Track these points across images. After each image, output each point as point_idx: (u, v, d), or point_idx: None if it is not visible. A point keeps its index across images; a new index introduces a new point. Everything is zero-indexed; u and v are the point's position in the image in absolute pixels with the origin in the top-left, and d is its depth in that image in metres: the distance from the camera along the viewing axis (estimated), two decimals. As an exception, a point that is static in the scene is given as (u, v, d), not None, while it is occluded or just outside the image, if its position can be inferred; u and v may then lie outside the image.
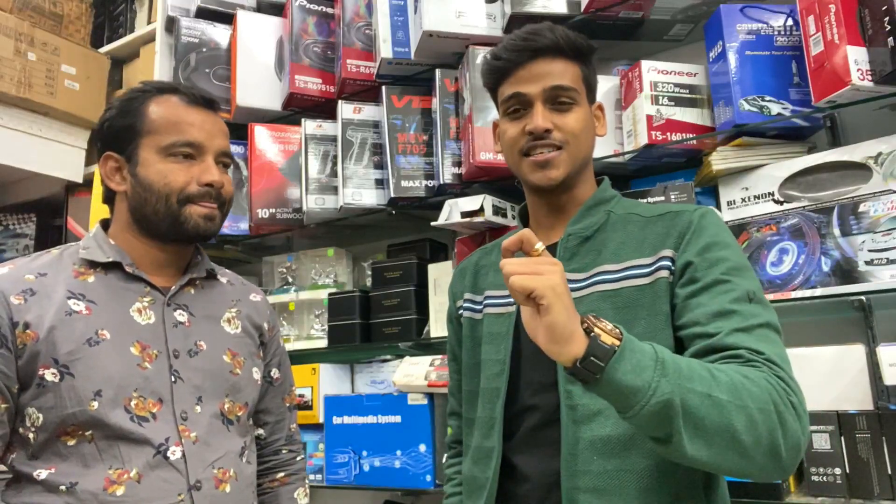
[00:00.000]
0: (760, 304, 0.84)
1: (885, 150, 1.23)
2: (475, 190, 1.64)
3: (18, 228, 2.43)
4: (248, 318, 1.17)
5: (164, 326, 1.04)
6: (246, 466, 1.08)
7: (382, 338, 1.76)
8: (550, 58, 0.98)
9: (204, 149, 1.06)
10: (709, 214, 0.93)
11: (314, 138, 1.87)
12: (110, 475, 0.94)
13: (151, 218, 1.05)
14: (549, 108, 0.98)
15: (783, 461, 0.74)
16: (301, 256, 2.05)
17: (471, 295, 1.11)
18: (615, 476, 0.85)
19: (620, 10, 1.52)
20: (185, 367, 1.03)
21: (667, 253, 0.91)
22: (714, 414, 0.71)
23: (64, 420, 0.94)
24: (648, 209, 0.99)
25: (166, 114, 1.06)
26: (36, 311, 0.97)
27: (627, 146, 1.50)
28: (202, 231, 1.06)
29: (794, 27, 1.37)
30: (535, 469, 0.92)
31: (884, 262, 1.20)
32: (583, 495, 0.85)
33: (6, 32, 1.98)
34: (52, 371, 0.95)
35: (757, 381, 0.75)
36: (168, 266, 1.10)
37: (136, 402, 0.97)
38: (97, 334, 0.98)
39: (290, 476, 1.24)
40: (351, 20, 1.84)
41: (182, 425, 1.00)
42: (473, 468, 1.00)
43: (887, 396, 1.21)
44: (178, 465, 0.97)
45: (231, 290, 1.20)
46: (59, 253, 1.06)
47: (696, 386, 0.71)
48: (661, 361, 0.71)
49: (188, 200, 1.04)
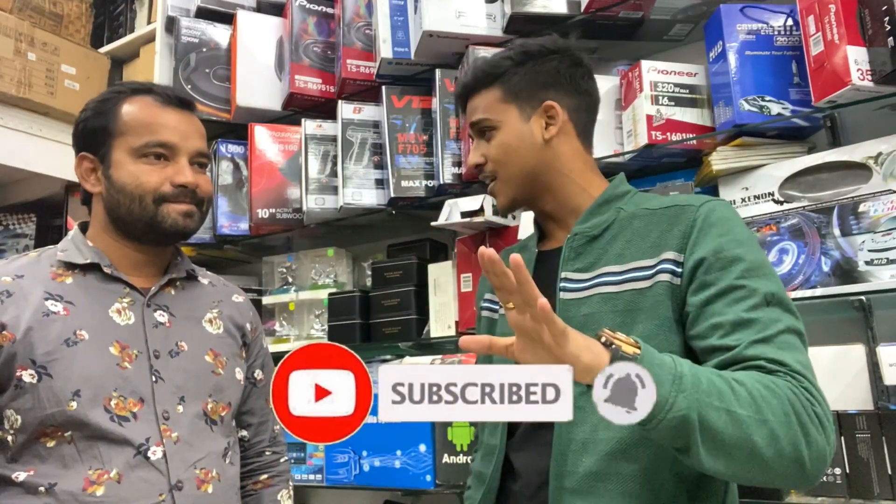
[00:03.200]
0: (780, 306, 0.81)
1: (885, 150, 1.23)
2: (475, 190, 1.64)
3: (18, 228, 2.43)
4: (230, 319, 1.16)
5: (143, 327, 1.03)
6: (229, 467, 1.07)
7: (382, 338, 1.76)
8: (471, 97, 1.04)
9: (177, 149, 1.04)
10: (718, 209, 0.89)
11: (314, 138, 1.87)
12: (90, 475, 0.93)
13: (126, 219, 1.04)
14: (483, 140, 1.02)
15: (808, 472, 0.73)
16: (301, 256, 2.05)
17: (490, 295, 1.11)
18: (600, 478, 0.84)
19: (620, 10, 1.52)
20: (166, 367, 1.02)
21: (668, 255, 0.87)
22: (733, 430, 0.70)
23: (43, 421, 0.93)
24: (657, 202, 0.95)
25: (139, 114, 1.04)
26: (12, 312, 0.96)
27: (627, 146, 1.50)
28: (181, 228, 1.05)
29: (794, 27, 1.37)
30: (528, 467, 0.92)
31: (884, 262, 1.20)
32: (568, 496, 0.85)
33: (6, 32, 1.98)
34: (30, 372, 0.94)
35: (779, 393, 0.73)
36: (147, 267, 1.09)
37: (116, 401, 0.96)
38: (75, 335, 0.97)
39: (274, 478, 1.22)
40: (351, 20, 1.84)
41: (164, 425, 0.99)
42: (480, 464, 1.02)
43: (887, 396, 1.21)
44: (158, 464, 0.96)
45: (212, 290, 1.18)
46: (37, 255, 1.06)
47: (714, 401, 0.70)
48: (679, 376, 0.70)
49: (164, 200, 1.03)
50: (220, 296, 1.18)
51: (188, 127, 1.07)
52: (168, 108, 1.06)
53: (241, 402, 1.16)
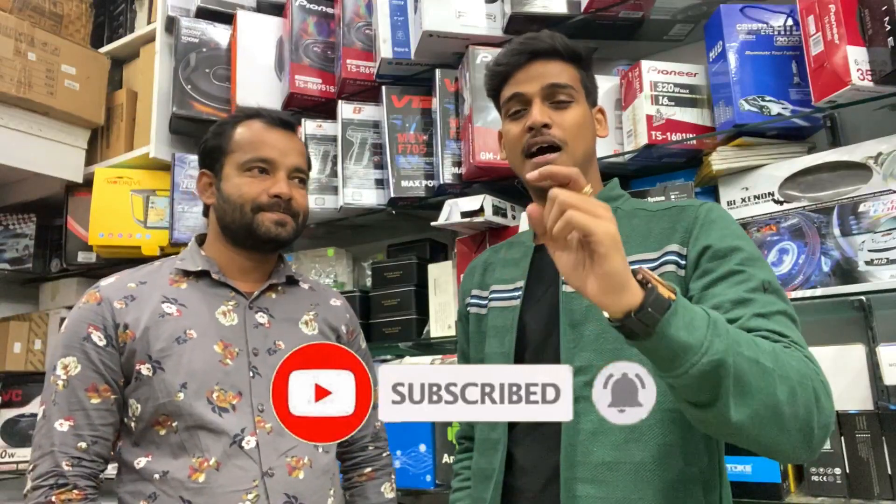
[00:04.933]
0: (776, 293, 0.83)
1: (885, 150, 1.23)
2: (475, 190, 1.64)
3: (18, 228, 2.43)
4: (325, 321, 1.25)
5: (245, 327, 1.13)
6: (322, 455, 1.14)
7: (382, 338, 1.76)
8: (547, 59, 1.01)
9: (276, 165, 1.15)
10: (716, 209, 0.93)
11: (314, 138, 1.87)
12: (193, 463, 1.03)
13: (231, 227, 1.15)
14: (548, 106, 1.00)
15: (814, 440, 0.72)
16: (301, 256, 2.05)
17: (478, 291, 1.12)
18: (613, 467, 0.85)
19: (620, 10, 1.52)
20: (263, 364, 1.11)
21: (673, 248, 0.90)
22: (761, 381, 0.69)
23: (156, 410, 1.05)
24: (654, 205, 1.00)
25: (247, 135, 1.17)
26: (134, 314, 1.09)
27: (627, 146, 1.50)
28: (274, 235, 1.14)
29: (794, 27, 1.37)
30: (533, 461, 0.93)
31: (884, 262, 1.20)
32: (581, 485, 0.86)
33: (6, 32, 1.98)
34: (147, 366, 1.06)
35: (793, 356, 0.74)
36: (252, 272, 1.20)
37: (218, 394, 1.07)
38: (185, 333, 1.09)
39: (377, 471, 1.31)
40: (351, 20, 1.84)
41: (258, 417, 1.08)
42: (480, 460, 1.01)
43: (887, 396, 1.21)
44: (251, 453, 1.05)
45: (311, 294, 1.28)
46: (159, 264, 1.19)
47: (744, 350, 0.69)
48: (713, 321, 0.68)
49: (260, 209, 1.13)
50: (317, 299, 1.27)
51: (287, 145, 1.18)
52: (272, 128, 1.18)
53: None
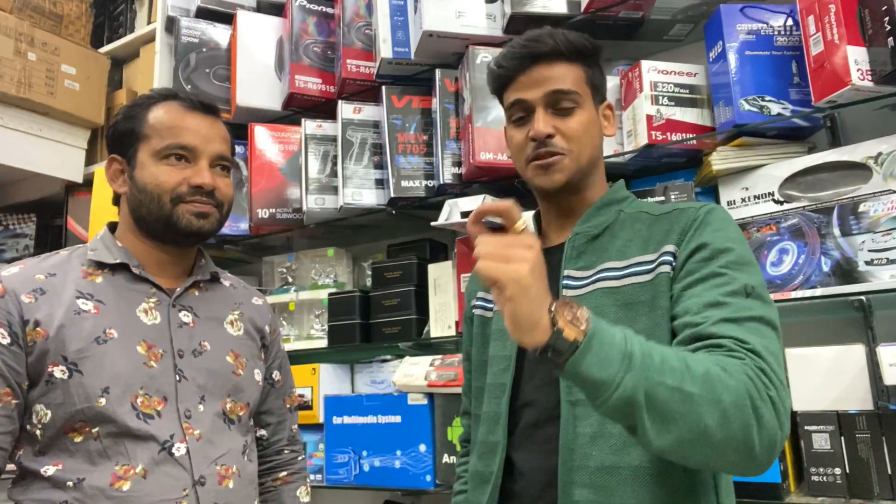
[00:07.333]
0: (759, 299, 0.82)
1: (885, 150, 1.23)
2: (475, 190, 1.64)
3: (18, 228, 2.43)
4: (250, 321, 1.19)
5: (169, 327, 1.06)
6: (248, 464, 1.10)
7: (382, 338, 1.76)
8: (550, 62, 0.98)
9: (198, 152, 1.07)
10: (715, 210, 0.92)
11: (314, 138, 1.87)
12: (117, 471, 0.95)
13: (147, 219, 1.06)
14: (551, 113, 0.98)
15: (757, 457, 0.72)
16: (301, 256, 2.05)
17: (483, 293, 1.12)
18: (612, 472, 0.85)
19: (620, 10, 1.52)
20: (189, 366, 1.05)
21: (669, 248, 0.90)
22: (683, 408, 0.69)
23: (72, 416, 0.96)
24: (658, 208, 0.99)
25: (165, 118, 1.07)
26: (46, 309, 0.98)
27: (627, 146, 1.50)
28: (195, 228, 1.06)
29: (794, 27, 1.37)
30: (532, 465, 0.92)
31: (884, 262, 1.20)
32: (579, 490, 0.86)
33: (6, 32, 1.98)
34: (62, 368, 0.96)
35: (735, 374, 0.73)
36: (171, 267, 1.12)
37: (142, 399, 0.99)
38: (105, 333, 1.00)
39: (293, 475, 1.26)
40: (351, 20, 1.84)
41: (186, 423, 1.02)
42: (478, 463, 1.01)
43: (887, 396, 1.21)
44: (182, 461, 0.99)
45: (234, 293, 1.21)
46: (67, 254, 1.08)
47: (666, 379, 0.70)
48: (628, 355, 0.70)
49: (180, 200, 1.05)
50: (240, 298, 1.21)
51: (209, 131, 1.09)
52: (192, 112, 1.09)
53: (259, 403, 1.19)
